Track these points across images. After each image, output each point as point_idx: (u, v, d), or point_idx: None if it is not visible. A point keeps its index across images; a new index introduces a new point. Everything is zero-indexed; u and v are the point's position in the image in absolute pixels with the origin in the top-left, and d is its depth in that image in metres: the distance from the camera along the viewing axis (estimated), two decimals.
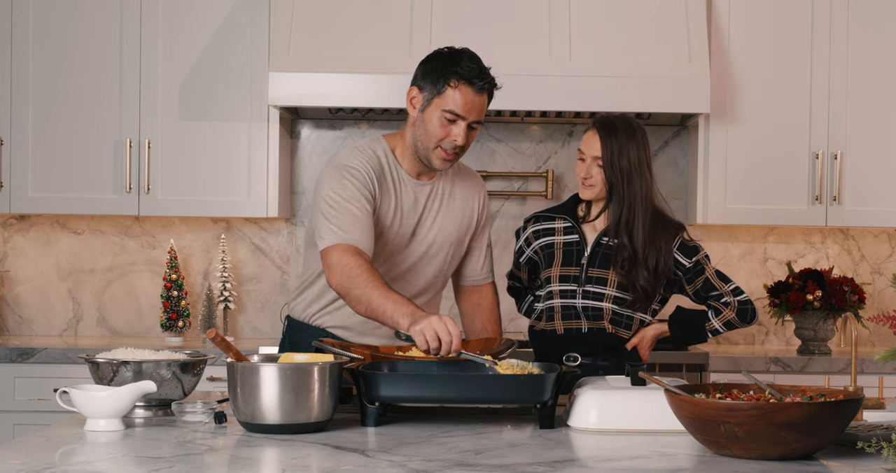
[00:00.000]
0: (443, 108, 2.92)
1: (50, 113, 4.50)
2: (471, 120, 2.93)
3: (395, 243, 3.04)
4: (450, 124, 2.92)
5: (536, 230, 3.33)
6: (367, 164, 2.98)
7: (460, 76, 2.91)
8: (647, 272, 3.17)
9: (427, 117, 2.95)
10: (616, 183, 3.17)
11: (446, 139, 2.93)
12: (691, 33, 4.30)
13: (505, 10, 4.34)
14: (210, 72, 4.49)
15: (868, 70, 4.52)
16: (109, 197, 4.50)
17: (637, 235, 3.17)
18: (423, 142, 2.96)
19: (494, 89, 2.98)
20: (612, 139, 3.16)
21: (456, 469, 2.10)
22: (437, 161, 2.98)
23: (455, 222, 3.13)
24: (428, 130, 2.95)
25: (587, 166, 3.20)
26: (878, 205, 4.52)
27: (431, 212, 3.09)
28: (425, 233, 3.08)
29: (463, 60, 2.93)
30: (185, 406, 2.61)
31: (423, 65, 2.98)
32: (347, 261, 2.82)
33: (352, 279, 2.80)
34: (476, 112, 2.93)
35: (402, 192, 3.04)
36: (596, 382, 2.71)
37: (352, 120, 4.81)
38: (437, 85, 2.92)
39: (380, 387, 2.53)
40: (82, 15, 4.50)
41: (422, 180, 3.07)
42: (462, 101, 2.91)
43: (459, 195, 3.15)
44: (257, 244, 4.82)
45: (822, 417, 2.15)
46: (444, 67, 2.93)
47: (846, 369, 4.30)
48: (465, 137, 2.94)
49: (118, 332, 4.81)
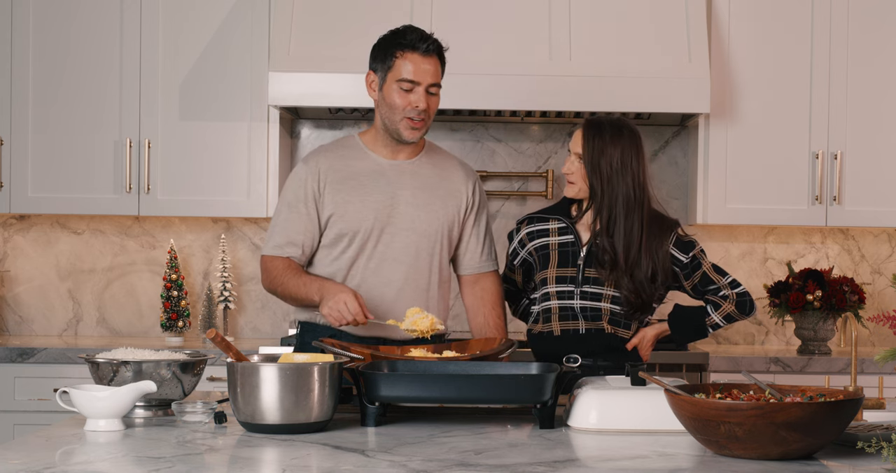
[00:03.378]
0: (397, 79, 3.08)
1: (50, 113, 4.50)
2: (427, 84, 3.08)
3: (374, 216, 3.13)
4: (407, 93, 3.08)
5: (530, 231, 3.32)
6: (315, 161, 3.17)
7: (403, 46, 3.09)
8: (631, 282, 3.15)
9: (386, 93, 3.11)
10: (595, 183, 3.17)
11: (408, 107, 3.08)
12: (691, 33, 4.30)
13: (505, 10, 4.34)
14: (210, 72, 4.49)
15: (868, 70, 4.51)
16: (109, 197, 4.50)
17: (618, 240, 3.16)
18: (389, 117, 3.12)
19: (443, 51, 3.13)
20: (595, 139, 3.17)
21: (456, 469, 2.10)
22: (406, 132, 3.12)
23: (439, 201, 3.20)
24: (390, 105, 3.10)
25: (570, 162, 3.22)
26: (878, 205, 4.52)
27: (410, 189, 3.17)
28: (405, 208, 3.16)
29: (405, 33, 3.11)
30: (185, 406, 2.61)
31: (372, 49, 3.17)
32: (269, 266, 3.16)
33: (273, 280, 3.13)
34: (430, 75, 3.09)
35: (371, 172, 3.16)
36: (596, 382, 2.71)
37: (352, 120, 4.81)
38: (385, 61, 3.11)
39: (380, 387, 2.53)
40: (82, 15, 4.50)
41: (397, 159, 3.19)
42: (412, 68, 3.07)
43: (444, 176, 3.24)
44: (257, 244, 4.82)
45: (822, 417, 2.15)
46: (388, 43, 3.12)
47: (846, 369, 4.30)
48: (426, 101, 3.08)
49: (118, 332, 4.81)
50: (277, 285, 3.13)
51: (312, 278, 3.08)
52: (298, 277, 3.09)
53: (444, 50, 3.13)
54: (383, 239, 3.14)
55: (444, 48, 3.13)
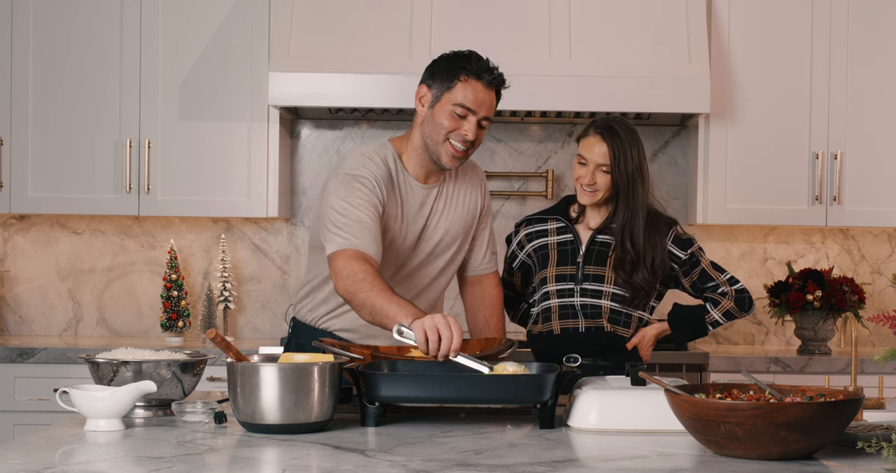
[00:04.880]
0: (453, 103, 2.94)
1: (50, 113, 4.50)
2: (481, 115, 2.95)
3: (402, 246, 3.05)
4: (460, 119, 2.94)
5: (529, 233, 3.32)
6: (375, 172, 2.97)
7: (470, 71, 2.94)
8: (646, 271, 3.17)
9: (437, 112, 2.96)
10: (623, 187, 3.17)
11: (456, 132, 2.95)
12: (691, 33, 4.30)
13: (505, 10, 4.34)
14: (210, 72, 4.49)
15: (868, 70, 4.51)
16: (109, 197, 4.50)
17: (638, 239, 3.18)
18: (433, 137, 2.97)
19: (503, 87, 3.01)
20: (618, 144, 3.15)
21: (456, 469, 2.10)
22: (446, 157, 2.98)
23: (461, 218, 3.14)
24: (436, 125, 2.96)
25: (591, 172, 3.17)
26: (878, 205, 4.52)
27: (437, 213, 3.09)
28: (431, 233, 3.09)
29: (472, 58, 2.98)
30: (185, 406, 2.61)
31: (432, 64, 3.02)
32: (353, 267, 2.81)
33: (357, 284, 2.78)
34: (486, 108, 2.96)
35: (408, 197, 3.04)
36: (596, 382, 2.71)
37: (352, 120, 4.81)
38: (446, 81, 2.95)
39: (380, 387, 2.53)
40: (82, 15, 4.50)
41: (428, 183, 3.08)
42: (472, 95, 2.93)
43: (463, 190, 3.15)
44: (257, 244, 4.82)
45: (822, 417, 2.15)
46: (454, 64, 2.97)
47: (846, 369, 4.30)
48: (475, 133, 2.96)
49: (118, 332, 4.81)
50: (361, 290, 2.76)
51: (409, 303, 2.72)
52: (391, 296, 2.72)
53: (505, 87, 3.00)
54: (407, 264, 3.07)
55: (506, 85, 3.00)
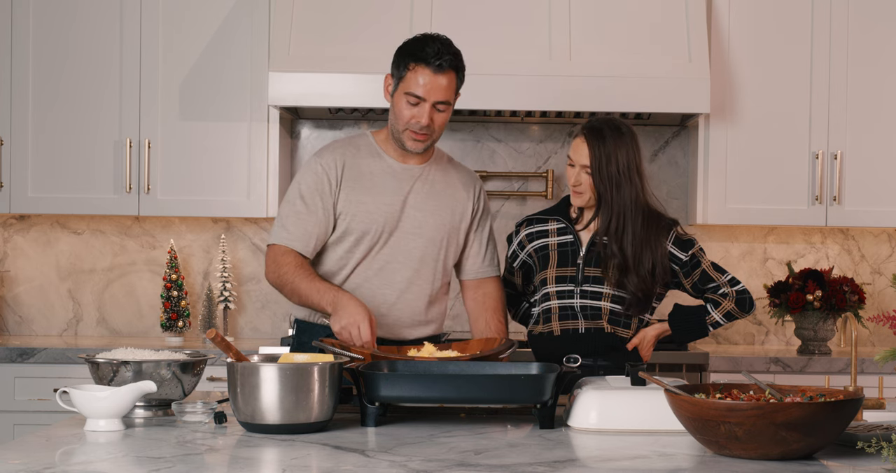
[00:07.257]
0: (405, 91, 3.03)
1: (50, 113, 4.50)
2: (433, 100, 3.02)
3: (384, 218, 3.11)
4: (413, 106, 3.03)
5: (530, 233, 3.32)
6: (333, 157, 3.11)
7: (417, 58, 3.01)
8: (637, 278, 3.16)
9: (395, 101, 3.07)
10: (604, 191, 3.16)
11: (412, 120, 3.04)
12: (691, 33, 4.30)
13: (505, 10, 4.34)
14: (210, 72, 4.49)
15: (868, 70, 4.51)
16: (109, 197, 4.50)
17: (627, 243, 3.17)
18: (395, 125, 3.09)
19: (461, 64, 3.05)
20: (599, 146, 3.15)
21: (456, 469, 2.10)
22: (408, 142, 3.09)
23: (447, 207, 3.19)
24: (396, 114, 3.07)
25: (576, 173, 3.20)
26: (878, 205, 4.52)
27: (419, 194, 3.15)
28: (414, 212, 3.14)
29: (426, 43, 3.03)
30: (185, 406, 2.61)
31: (394, 54, 3.09)
32: (279, 260, 3.06)
33: (282, 276, 3.04)
34: (439, 93, 3.02)
35: (383, 174, 3.13)
36: (596, 382, 2.71)
37: (352, 120, 4.81)
38: (399, 69, 3.05)
39: (380, 387, 2.53)
40: (82, 15, 4.50)
41: (408, 163, 3.16)
42: (421, 83, 3.01)
43: (452, 183, 3.22)
44: (257, 244, 4.82)
45: (822, 417, 2.15)
46: (405, 52, 3.05)
47: (846, 369, 4.30)
48: (430, 118, 3.03)
49: (118, 332, 4.81)
50: (286, 282, 3.04)
51: (327, 286, 2.99)
52: (311, 281, 3.01)
53: (462, 67, 3.05)
54: (390, 241, 3.12)
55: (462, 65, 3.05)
